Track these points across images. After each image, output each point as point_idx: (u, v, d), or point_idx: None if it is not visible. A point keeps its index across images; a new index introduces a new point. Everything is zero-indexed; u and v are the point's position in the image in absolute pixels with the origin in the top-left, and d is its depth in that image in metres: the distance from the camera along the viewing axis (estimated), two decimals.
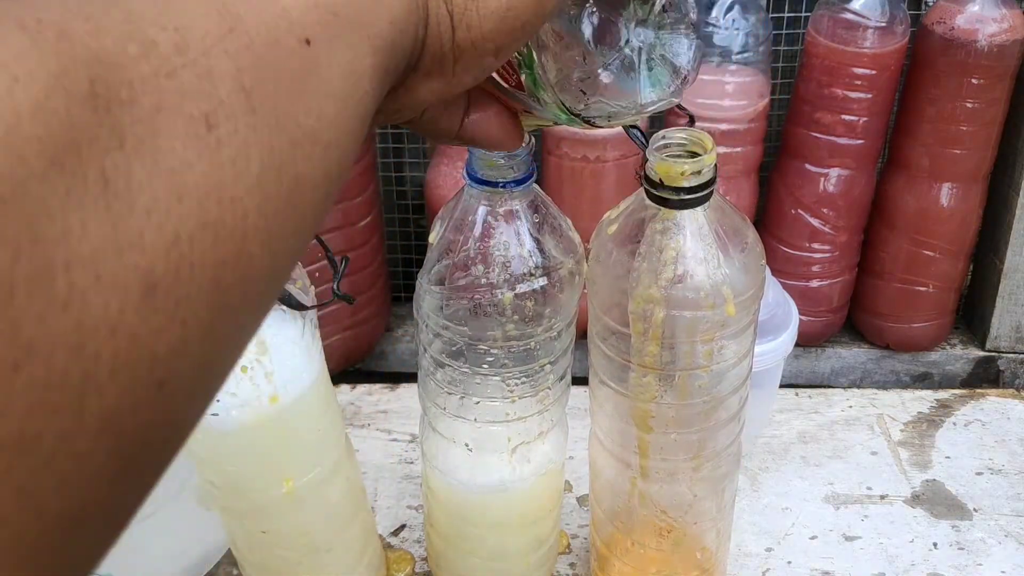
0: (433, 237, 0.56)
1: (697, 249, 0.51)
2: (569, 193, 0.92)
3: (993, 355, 1.02)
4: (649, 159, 0.51)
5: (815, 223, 0.95)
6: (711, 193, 0.51)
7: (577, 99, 0.32)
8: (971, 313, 1.05)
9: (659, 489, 0.61)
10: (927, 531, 0.79)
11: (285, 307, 0.53)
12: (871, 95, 0.88)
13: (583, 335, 0.59)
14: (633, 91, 0.31)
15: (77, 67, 0.19)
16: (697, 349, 0.54)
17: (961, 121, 0.89)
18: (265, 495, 0.58)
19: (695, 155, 0.50)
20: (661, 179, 0.50)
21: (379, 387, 0.96)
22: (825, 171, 0.93)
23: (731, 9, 0.88)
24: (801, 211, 0.95)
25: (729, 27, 0.88)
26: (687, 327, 0.53)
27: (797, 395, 0.95)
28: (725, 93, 0.89)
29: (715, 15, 0.88)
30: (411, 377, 0.63)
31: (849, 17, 0.86)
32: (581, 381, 0.65)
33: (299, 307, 0.54)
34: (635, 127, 0.53)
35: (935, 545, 0.77)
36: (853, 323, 1.04)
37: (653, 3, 0.30)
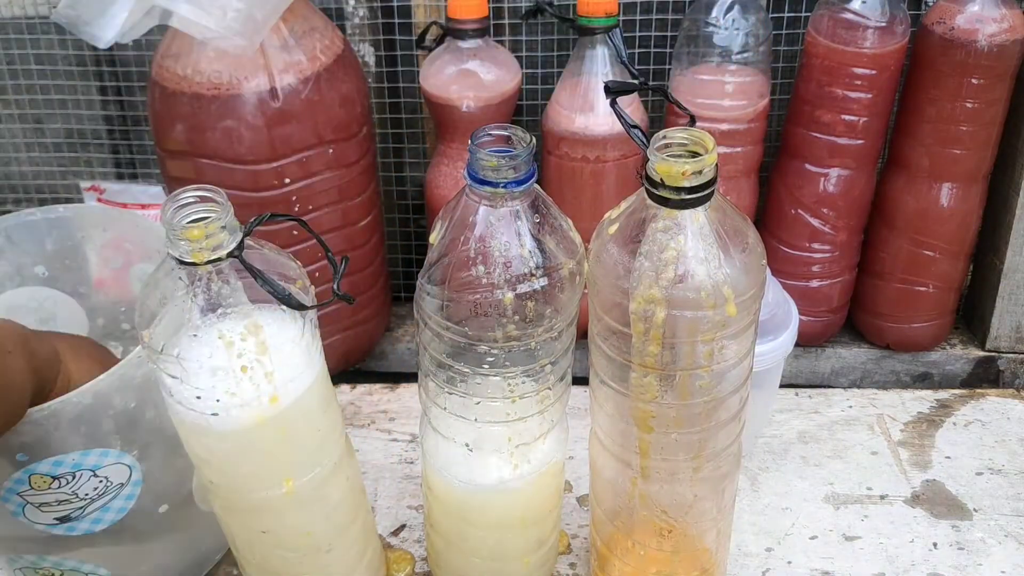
0: (433, 237, 0.56)
1: (698, 249, 0.51)
2: (569, 193, 0.92)
3: (993, 355, 1.02)
4: (650, 159, 0.51)
5: (815, 223, 0.95)
6: (712, 193, 0.51)
7: None
8: (971, 313, 1.05)
9: (659, 489, 0.61)
10: (927, 531, 0.79)
11: (285, 307, 0.53)
12: (871, 95, 0.88)
13: (583, 335, 0.59)
14: None
15: None
16: (698, 349, 0.54)
17: (961, 121, 0.89)
18: (265, 495, 0.58)
19: (696, 155, 0.50)
20: (662, 179, 0.50)
21: (379, 387, 0.96)
22: (825, 171, 0.93)
23: (731, 9, 0.88)
24: (801, 211, 0.95)
25: (729, 27, 0.88)
26: (688, 327, 0.53)
27: (797, 395, 0.95)
28: (725, 93, 0.89)
29: (715, 15, 0.88)
30: (411, 377, 0.63)
31: (849, 17, 0.86)
32: (581, 381, 0.65)
33: (299, 307, 0.54)
34: (636, 127, 0.53)
35: (935, 545, 0.77)
36: (853, 323, 1.04)
37: None
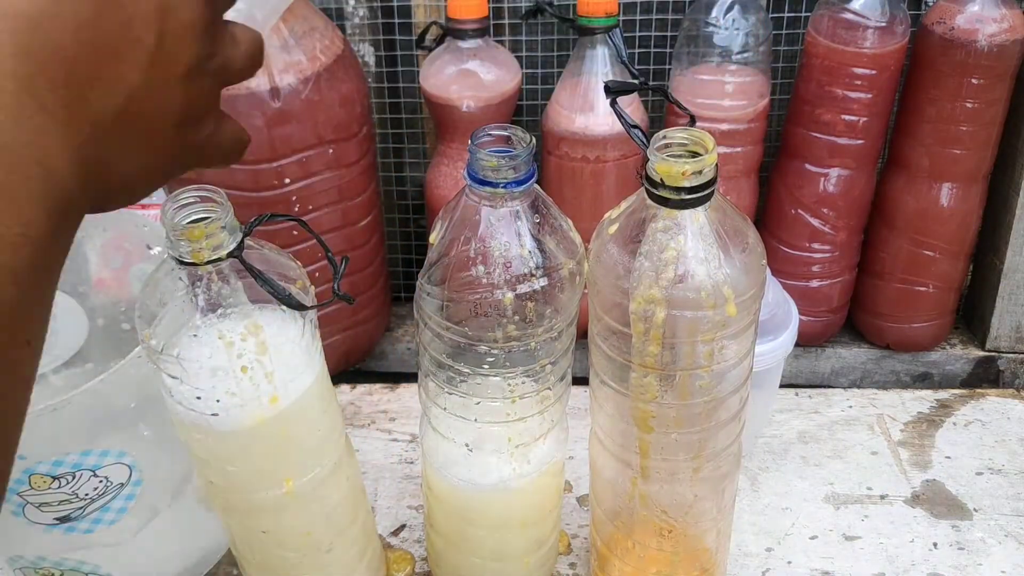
0: (433, 237, 0.56)
1: (698, 249, 0.51)
2: (569, 193, 0.92)
3: (993, 355, 1.02)
4: (650, 159, 0.50)
5: (815, 223, 0.95)
6: (712, 193, 0.51)
7: None
8: (971, 313, 1.05)
9: (659, 489, 0.61)
10: (927, 531, 0.79)
11: (285, 307, 0.53)
12: (871, 95, 0.88)
13: (583, 335, 0.59)
14: None
15: None
16: (698, 349, 0.54)
17: (961, 121, 0.89)
18: (265, 495, 0.58)
19: (696, 155, 0.50)
20: (662, 179, 0.50)
21: (379, 387, 0.96)
22: (825, 171, 0.93)
23: (731, 9, 0.88)
24: (801, 211, 0.95)
25: (729, 27, 0.88)
26: (688, 327, 0.53)
27: (797, 395, 0.95)
28: (725, 93, 0.89)
29: (715, 15, 0.88)
30: (411, 377, 0.63)
31: (849, 17, 0.86)
32: (581, 381, 0.65)
33: (299, 307, 0.54)
34: (636, 127, 0.53)
35: (935, 545, 0.77)
36: (853, 323, 1.04)
37: None
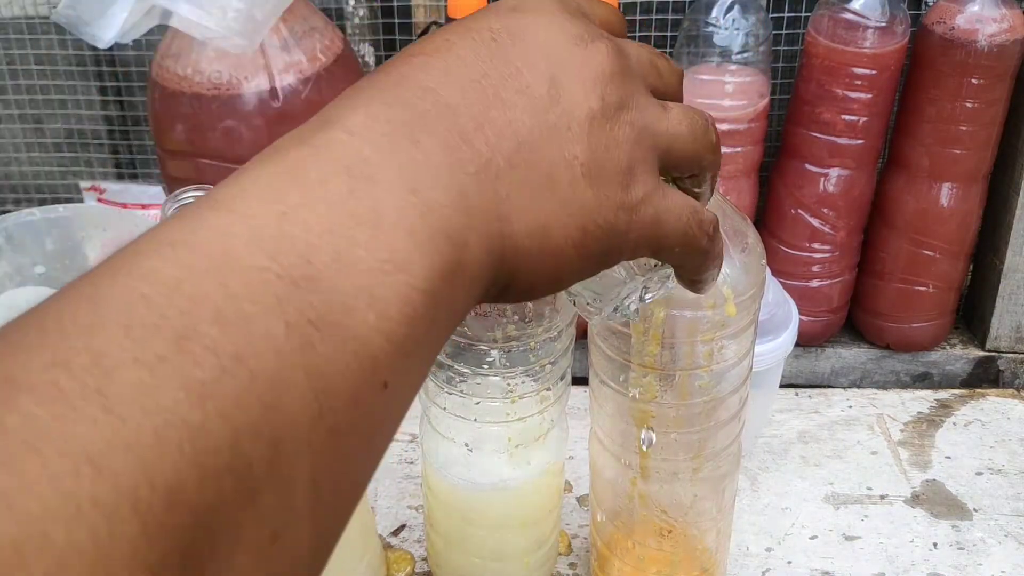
0: None
1: None
2: None
3: (993, 355, 1.02)
4: None
5: (815, 223, 0.95)
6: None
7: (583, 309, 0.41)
8: (971, 313, 1.05)
9: (659, 489, 0.61)
10: (927, 531, 0.79)
11: None
12: (871, 95, 0.88)
13: (583, 335, 0.59)
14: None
15: (175, 550, 0.18)
16: (697, 349, 0.54)
17: (961, 121, 0.89)
18: None
19: None
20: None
21: None
22: (825, 171, 0.93)
23: (731, 9, 0.88)
24: (801, 211, 0.95)
25: (729, 27, 0.88)
26: (687, 327, 0.53)
27: (797, 395, 0.95)
28: (725, 93, 0.89)
29: (715, 15, 0.88)
30: None
31: (849, 17, 0.86)
32: (581, 381, 0.65)
33: None
34: None
35: (935, 545, 0.77)
36: (853, 323, 1.04)
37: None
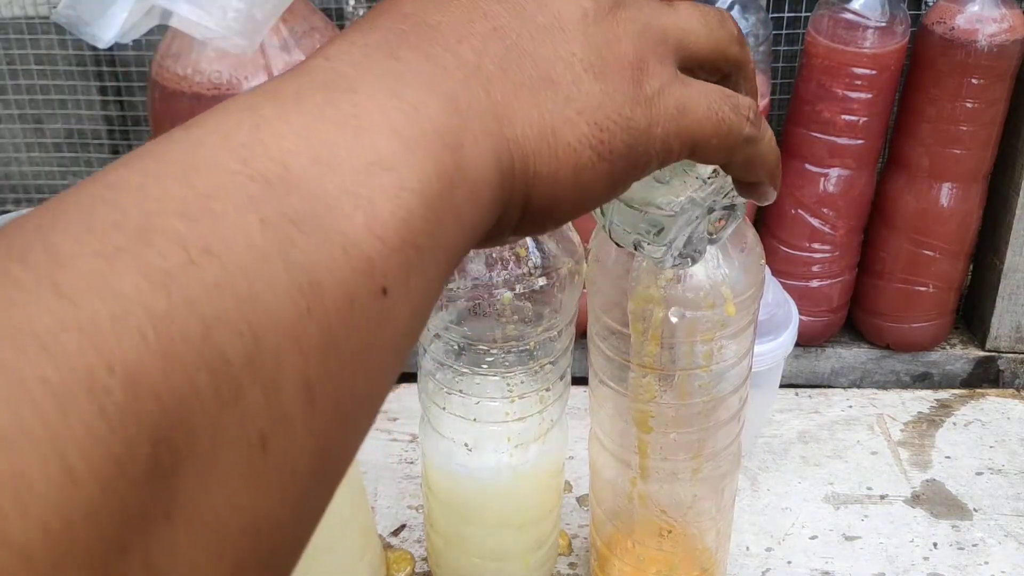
0: None
1: None
2: None
3: (993, 355, 1.02)
4: None
5: (815, 223, 0.95)
6: None
7: (621, 239, 0.42)
8: (971, 313, 1.05)
9: (659, 489, 0.61)
10: (927, 531, 0.79)
11: None
12: (871, 95, 0.88)
13: (583, 335, 0.59)
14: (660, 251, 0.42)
15: (142, 440, 0.17)
16: (697, 349, 0.54)
17: (961, 121, 0.89)
18: None
19: None
20: None
21: None
22: (825, 171, 0.93)
23: (731, 9, 0.88)
24: (801, 211, 0.95)
25: None
26: (687, 327, 0.53)
27: (797, 395, 0.95)
28: None
29: None
30: (411, 377, 0.63)
31: (849, 17, 0.86)
32: (581, 381, 0.65)
33: None
34: None
35: (935, 545, 0.77)
36: (853, 323, 1.04)
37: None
